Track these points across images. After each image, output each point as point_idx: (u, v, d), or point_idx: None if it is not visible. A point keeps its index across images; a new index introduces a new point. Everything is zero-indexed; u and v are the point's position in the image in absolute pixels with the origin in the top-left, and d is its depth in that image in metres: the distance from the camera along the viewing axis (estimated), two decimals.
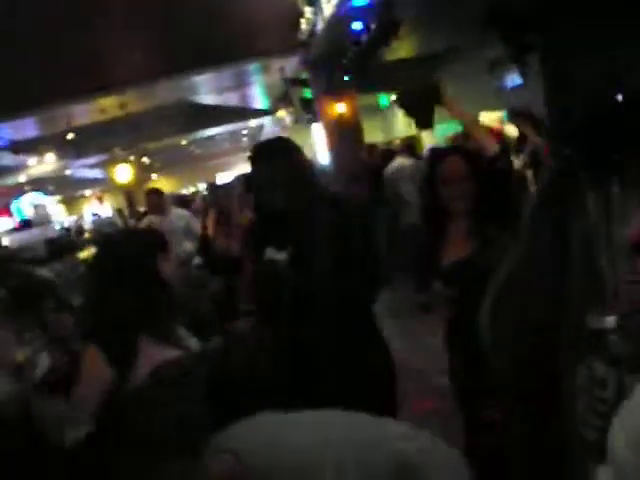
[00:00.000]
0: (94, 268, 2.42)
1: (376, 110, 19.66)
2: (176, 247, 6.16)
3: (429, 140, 16.39)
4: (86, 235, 12.81)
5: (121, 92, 11.82)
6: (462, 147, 2.96)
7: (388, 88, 17.85)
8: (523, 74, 10.78)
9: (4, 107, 10.89)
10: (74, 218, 27.98)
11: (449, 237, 2.79)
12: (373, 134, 17.48)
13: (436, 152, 3.24)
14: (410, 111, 2.94)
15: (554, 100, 10.12)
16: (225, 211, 6.44)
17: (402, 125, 19.55)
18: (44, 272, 6.12)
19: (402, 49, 12.20)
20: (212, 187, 5.90)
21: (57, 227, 15.24)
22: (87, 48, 10.48)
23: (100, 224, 14.75)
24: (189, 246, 6.38)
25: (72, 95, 11.26)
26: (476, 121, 2.68)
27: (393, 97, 18.95)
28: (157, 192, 7.50)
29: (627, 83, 8.91)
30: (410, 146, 10.44)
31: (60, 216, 26.80)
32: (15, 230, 14.41)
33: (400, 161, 9.13)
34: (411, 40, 11.88)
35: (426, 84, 3.21)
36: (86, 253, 7.18)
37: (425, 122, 2.93)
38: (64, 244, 6.93)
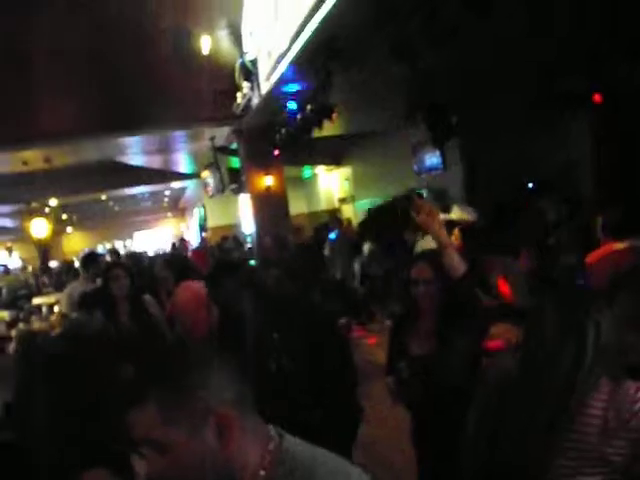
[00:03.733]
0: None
1: (300, 182, 20.06)
2: None
3: (350, 213, 16.88)
4: None
5: (46, 146, 11.62)
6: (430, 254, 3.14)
7: (314, 162, 18.36)
8: (443, 158, 11.42)
9: None
10: None
11: (418, 331, 3.07)
12: (297, 205, 17.78)
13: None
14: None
15: (471, 184, 10.77)
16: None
17: (324, 197, 20.04)
18: None
19: (330, 127, 12.64)
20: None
21: None
22: (15, 100, 10.36)
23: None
24: None
25: None
26: (449, 243, 2.84)
27: (316, 170, 19.48)
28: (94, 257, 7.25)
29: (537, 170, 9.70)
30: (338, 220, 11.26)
31: None
32: None
33: None
34: (339, 120, 12.32)
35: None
36: None
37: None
38: None
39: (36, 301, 9.08)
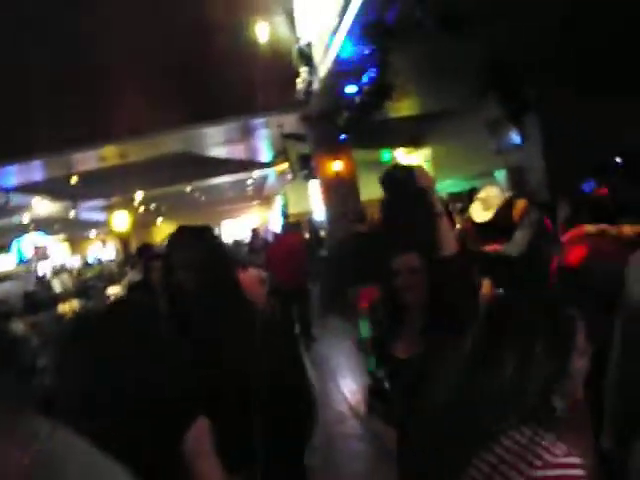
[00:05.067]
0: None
1: (378, 165, 19.75)
2: None
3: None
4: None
5: (121, 143, 11.97)
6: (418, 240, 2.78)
7: (392, 145, 18.04)
8: (522, 134, 10.89)
9: (13, 151, 11.11)
10: (77, 258, 28.16)
11: (404, 329, 2.68)
12: (375, 189, 17.49)
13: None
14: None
15: (552, 161, 10.19)
16: None
17: None
18: (19, 326, 6.08)
19: (401, 107, 12.35)
20: None
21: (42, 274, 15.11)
22: (90, 100, 10.70)
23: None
24: None
25: (74, 143, 11.43)
26: (442, 212, 2.46)
27: (395, 152, 19.13)
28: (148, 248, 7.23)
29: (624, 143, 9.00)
30: None
31: (62, 256, 26.96)
32: None
33: None
34: (409, 100, 12.02)
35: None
36: (67, 306, 7.12)
37: None
38: (42, 298, 6.89)
39: (109, 290, 9.39)
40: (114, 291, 9.30)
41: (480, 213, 4.44)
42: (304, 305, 9.78)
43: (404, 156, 19.13)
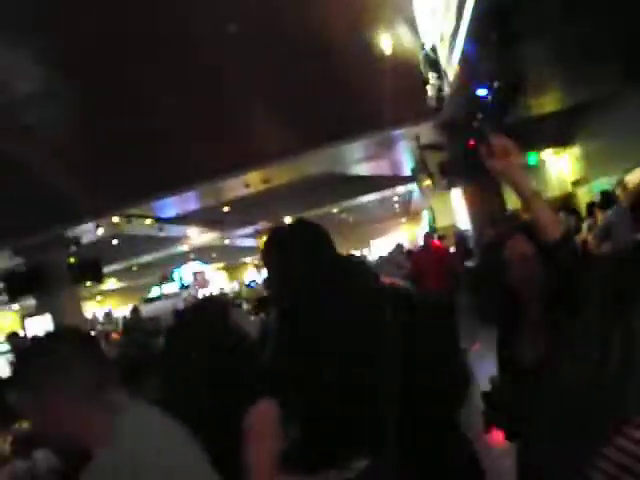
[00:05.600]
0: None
1: (525, 169, 18.85)
2: None
3: (586, 196, 15.42)
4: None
5: (263, 168, 12.34)
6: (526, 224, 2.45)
7: (538, 146, 17.12)
8: None
9: (168, 183, 11.83)
10: (234, 284, 29.44)
11: (527, 329, 2.34)
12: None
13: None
14: None
15: None
16: None
17: (555, 182, 18.59)
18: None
19: (544, 103, 11.72)
20: None
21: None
22: (233, 128, 11.15)
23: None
24: None
25: (220, 171, 11.93)
26: (535, 193, 2.08)
27: (542, 155, 18.15)
28: None
29: None
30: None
31: (220, 282, 28.34)
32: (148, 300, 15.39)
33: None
34: (552, 94, 11.39)
35: None
36: None
37: None
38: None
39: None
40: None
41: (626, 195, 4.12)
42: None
43: (553, 157, 18.15)
